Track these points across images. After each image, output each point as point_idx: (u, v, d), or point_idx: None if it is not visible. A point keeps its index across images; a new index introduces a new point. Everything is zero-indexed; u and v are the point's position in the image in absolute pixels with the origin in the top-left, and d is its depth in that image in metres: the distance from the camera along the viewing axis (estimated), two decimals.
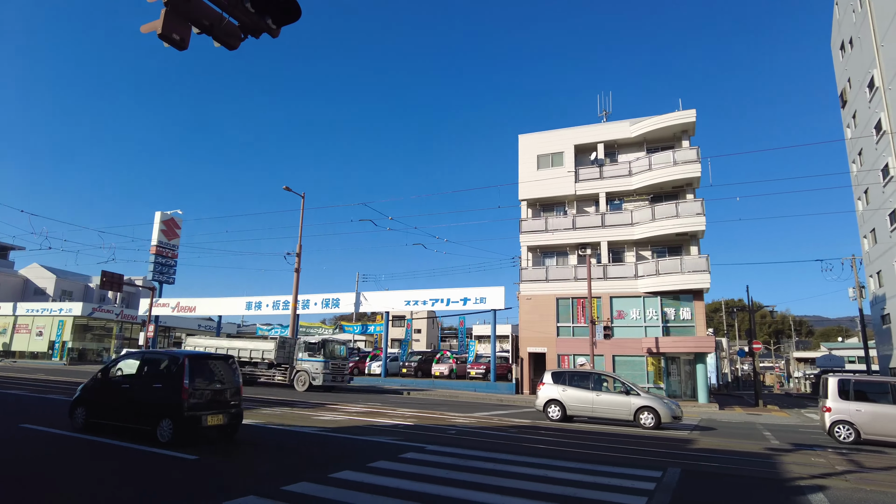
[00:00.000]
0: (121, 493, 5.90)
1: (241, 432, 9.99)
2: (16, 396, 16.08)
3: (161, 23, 5.46)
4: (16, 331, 48.05)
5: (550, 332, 28.88)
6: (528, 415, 17.33)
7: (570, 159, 30.80)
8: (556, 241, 30.19)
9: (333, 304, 34.78)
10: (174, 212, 42.92)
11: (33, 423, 10.75)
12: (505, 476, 7.35)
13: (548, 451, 9.77)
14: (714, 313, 74.47)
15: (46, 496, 5.59)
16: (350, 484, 6.58)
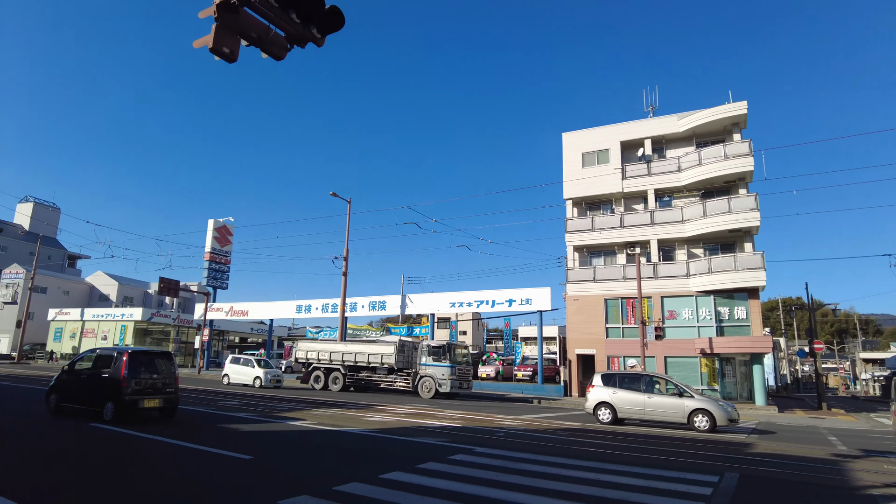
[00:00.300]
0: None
1: (293, 434, 10.25)
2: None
3: (212, 37, 5.67)
4: (84, 335, 50.73)
5: (599, 334, 28.37)
6: (577, 417, 17.08)
7: (617, 156, 30.20)
8: (603, 241, 29.65)
9: (380, 306, 35.21)
10: (226, 219, 44.42)
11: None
12: (556, 479, 7.26)
13: (599, 455, 9.60)
14: (770, 312, 71.48)
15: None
16: (400, 485, 6.65)
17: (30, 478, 6.53)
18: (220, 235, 43.55)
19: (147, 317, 48.74)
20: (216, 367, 45.65)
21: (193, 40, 5.98)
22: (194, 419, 12.50)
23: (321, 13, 5.54)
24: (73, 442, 9.13)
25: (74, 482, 6.31)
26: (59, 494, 5.75)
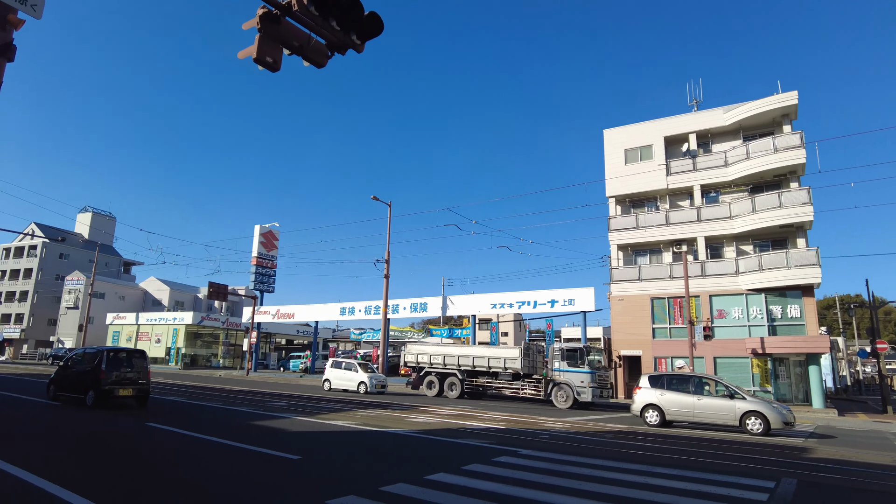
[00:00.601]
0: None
1: (339, 435, 10.41)
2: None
3: (256, 48, 5.84)
4: (139, 338, 52.95)
5: (645, 334, 27.75)
6: (623, 420, 16.74)
7: (660, 152, 29.51)
8: (648, 239, 29.00)
9: (421, 308, 35.43)
10: (272, 224, 45.59)
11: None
12: (602, 482, 7.14)
13: (647, 458, 9.38)
14: (826, 310, 68.35)
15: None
16: (445, 486, 6.66)
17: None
18: (266, 240, 44.72)
19: (197, 320, 50.48)
20: (263, 368, 46.90)
21: (238, 51, 6.18)
22: (237, 417, 12.85)
23: (360, 20, 5.62)
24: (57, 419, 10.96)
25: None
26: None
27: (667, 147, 29.71)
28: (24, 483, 6.03)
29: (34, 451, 8.07)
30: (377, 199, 30.89)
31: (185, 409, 14.53)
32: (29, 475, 6.33)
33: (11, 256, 68.67)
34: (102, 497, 5.59)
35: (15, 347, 64.27)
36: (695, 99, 31.04)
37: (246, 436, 9.96)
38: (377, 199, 30.89)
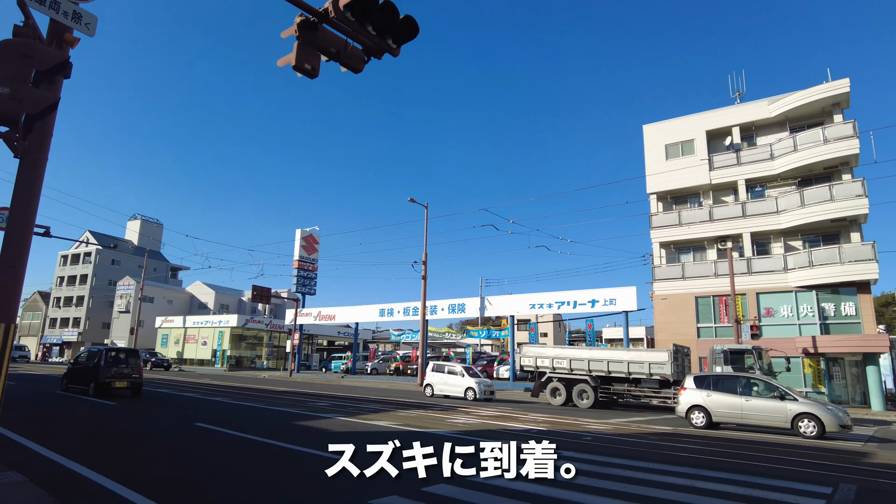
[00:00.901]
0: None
1: (379, 435, 10.52)
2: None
3: (294, 55, 5.97)
4: (186, 340, 54.72)
5: (690, 334, 27.05)
6: (668, 421, 16.35)
7: (702, 146, 28.74)
8: (691, 236, 28.28)
9: (459, 308, 35.46)
10: (312, 228, 46.48)
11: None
12: (645, 485, 6.99)
13: (693, 460, 9.14)
14: (885, 308, 65.20)
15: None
16: (488, 487, 6.67)
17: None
18: (307, 244, 45.61)
19: (242, 323, 51.84)
20: (306, 369, 47.79)
21: (277, 59, 6.33)
22: (280, 417, 13.11)
23: (396, 24, 5.68)
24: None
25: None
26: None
27: (709, 141, 28.92)
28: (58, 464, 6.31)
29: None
30: (414, 201, 31.11)
31: (230, 410, 14.94)
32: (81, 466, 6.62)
33: (69, 263, 71.99)
34: (165, 498, 5.82)
35: (73, 350, 67.39)
36: (737, 91, 30.15)
37: (289, 435, 10.17)
38: (414, 201, 31.11)
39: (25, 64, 3.86)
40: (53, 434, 10.04)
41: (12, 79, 3.82)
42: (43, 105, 3.93)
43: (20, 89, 3.82)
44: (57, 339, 69.05)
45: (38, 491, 5.73)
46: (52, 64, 3.96)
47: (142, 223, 75.74)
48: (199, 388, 23.35)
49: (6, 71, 3.83)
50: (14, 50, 3.88)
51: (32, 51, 3.90)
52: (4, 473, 6.37)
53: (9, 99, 3.81)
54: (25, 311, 74.70)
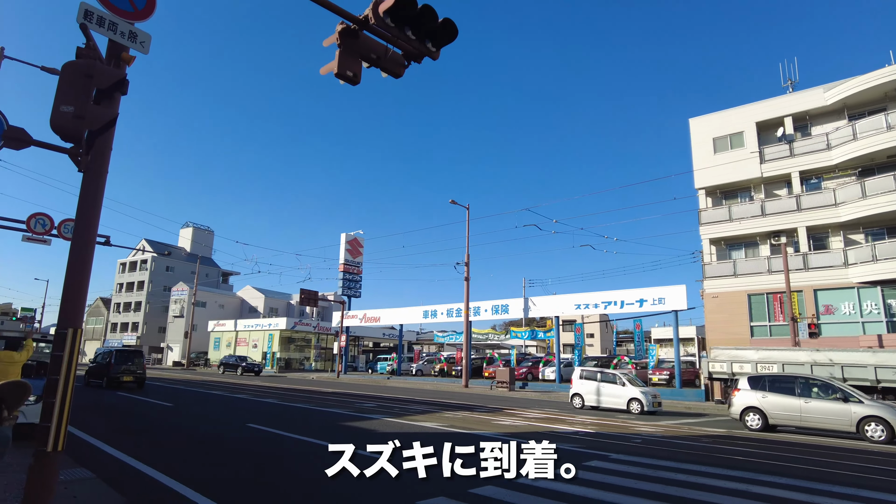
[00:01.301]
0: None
1: (426, 436, 10.59)
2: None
3: (336, 63, 6.09)
4: (237, 343, 56.43)
5: (743, 333, 26.10)
6: (721, 423, 15.84)
7: (752, 139, 27.70)
8: (742, 231, 27.29)
9: (503, 310, 35.29)
10: (356, 232, 47.20)
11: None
12: (699, 489, 6.80)
13: (749, 464, 8.83)
14: None
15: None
16: (533, 489, 6.62)
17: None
18: (352, 248, 46.35)
19: (290, 326, 53.10)
20: (353, 370, 48.53)
21: (319, 67, 6.47)
22: (328, 418, 13.34)
23: (435, 27, 5.72)
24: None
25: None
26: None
27: (759, 133, 27.85)
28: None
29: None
30: (455, 202, 31.21)
31: (280, 411, 15.33)
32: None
33: (127, 270, 75.42)
34: (224, 498, 6.03)
35: None
36: (789, 80, 28.94)
37: (336, 436, 10.36)
38: (455, 202, 31.21)
39: (87, 83, 4.07)
40: (113, 434, 10.53)
41: (76, 98, 4.04)
42: (103, 121, 4.14)
43: (83, 107, 4.03)
44: (118, 342, 72.38)
45: (107, 488, 6.03)
46: (111, 82, 4.17)
47: (194, 230, 78.61)
48: (250, 389, 24.04)
49: (71, 91, 4.05)
50: (78, 71, 4.11)
51: (94, 70, 4.11)
52: (74, 470, 6.73)
53: (73, 117, 4.02)
54: (89, 316, 78.70)
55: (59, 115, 3.94)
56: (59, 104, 3.95)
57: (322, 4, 5.69)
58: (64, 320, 4.27)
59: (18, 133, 4.41)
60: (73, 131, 3.98)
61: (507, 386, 28.14)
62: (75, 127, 3.97)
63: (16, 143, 4.39)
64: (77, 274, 4.36)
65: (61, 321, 4.27)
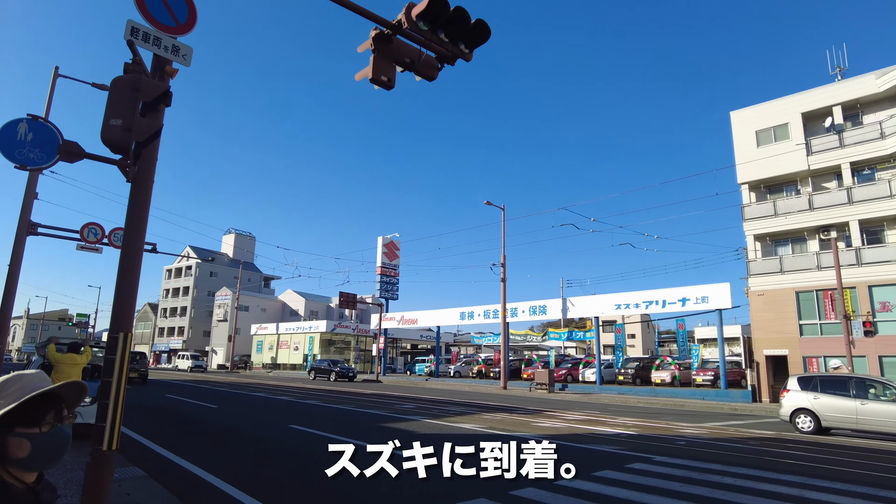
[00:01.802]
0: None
1: (466, 438, 10.59)
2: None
3: (371, 68, 6.16)
4: (279, 346, 57.61)
5: (791, 332, 25.18)
6: (769, 425, 15.31)
7: (798, 130, 26.70)
8: (789, 227, 26.34)
9: (540, 311, 34.98)
10: (392, 235, 47.61)
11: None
12: (749, 493, 6.58)
13: (801, 468, 8.50)
14: None
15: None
16: (575, 492, 6.54)
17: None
18: (389, 250, 46.77)
19: (330, 328, 53.93)
20: (391, 372, 48.94)
21: (355, 72, 6.57)
22: (368, 419, 13.47)
23: (468, 29, 5.73)
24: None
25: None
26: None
27: (805, 124, 26.84)
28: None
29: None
30: (490, 203, 31.11)
31: (321, 412, 15.57)
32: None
33: (173, 276, 77.99)
34: (266, 496, 6.17)
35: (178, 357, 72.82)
36: (838, 67, 27.78)
37: (376, 436, 10.46)
38: (490, 203, 31.11)
39: (134, 97, 4.24)
40: (162, 434, 10.90)
41: (124, 111, 4.21)
42: (149, 133, 4.30)
43: (130, 120, 4.19)
44: (165, 346, 74.89)
45: (158, 486, 6.24)
46: (155, 94, 4.32)
47: (236, 237, 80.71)
48: (292, 391, 24.51)
49: (119, 105, 4.22)
50: (126, 85, 4.28)
51: (140, 84, 4.27)
52: (127, 468, 6.99)
53: (121, 129, 4.19)
54: (138, 321, 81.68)
55: (108, 128, 4.11)
56: (108, 118, 4.12)
57: (356, 11, 5.77)
58: (115, 325, 4.45)
59: (72, 147, 4.61)
60: (122, 143, 4.15)
61: (547, 388, 27.89)
62: (124, 139, 4.13)
63: (70, 156, 4.59)
64: (126, 280, 4.54)
65: (113, 326, 4.45)
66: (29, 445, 1.32)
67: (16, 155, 4.47)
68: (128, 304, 4.56)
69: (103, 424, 4.09)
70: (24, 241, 13.30)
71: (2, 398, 1.32)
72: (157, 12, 4.75)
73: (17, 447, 1.31)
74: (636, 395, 26.45)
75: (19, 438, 1.31)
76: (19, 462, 1.32)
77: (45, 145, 4.57)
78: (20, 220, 13.25)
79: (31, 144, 4.52)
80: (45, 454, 1.34)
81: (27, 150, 4.50)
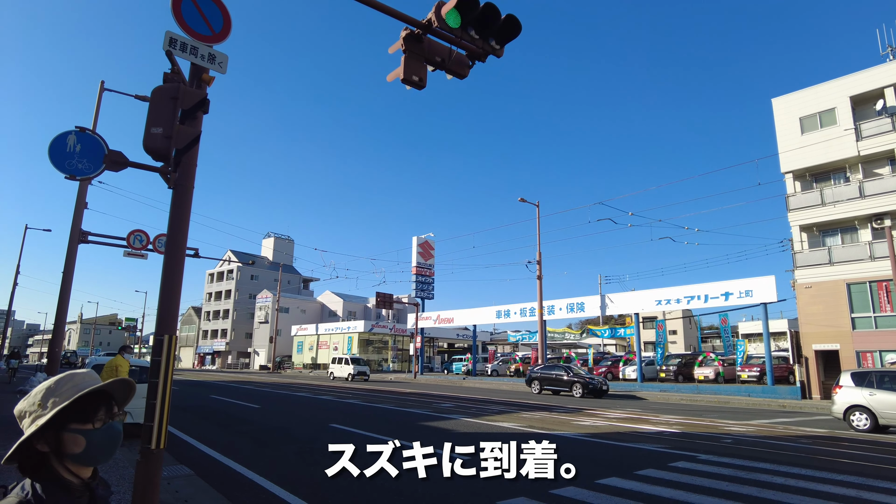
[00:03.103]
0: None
1: (505, 436, 10.54)
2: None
3: (402, 68, 6.19)
4: (319, 346, 58.52)
5: (843, 325, 24.16)
6: (821, 423, 14.73)
7: (846, 115, 25.57)
8: (838, 216, 25.26)
9: (578, 308, 34.53)
10: (427, 235, 47.81)
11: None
12: (802, 494, 6.33)
13: (858, 468, 8.14)
14: None
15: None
16: (617, 491, 6.43)
17: None
18: (423, 250, 46.96)
19: (368, 328, 54.49)
20: (429, 371, 49.14)
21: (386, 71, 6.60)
22: (407, 418, 13.52)
23: (498, 25, 5.69)
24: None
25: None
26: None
27: (854, 108, 25.68)
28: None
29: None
30: (524, 200, 30.88)
31: (361, 411, 15.74)
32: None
33: (215, 280, 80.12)
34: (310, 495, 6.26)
35: (222, 358, 74.75)
36: (889, 46, 26.51)
37: (416, 435, 10.50)
38: (524, 200, 30.88)
39: (174, 105, 4.36)
40: (206, 433, 11.19)
41: (164, 119, 4.33)
42: (188, 139, 4.41)
43: (170, 127, 4.31)
44: (209, 348, 76.98)
45: (204, 485, 6.41)
46: (193, 102, 4.43)
47: (275, 240, 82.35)
48: (333, 390, 24.86)
49: (160, 113, 4.35)
50: (165, 94, 4.40)
51: (179, 93, 4.38)
52: (174, 467, 7.20)
53: (162, 137, 4.31)
54: (183, 324, 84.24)
55: (150, 136, 4.23)
56: (150, 126, 4.25)
57: (386, 12, 5.79)
58: (161, 327, 4.59)
59: (117, 156, 4.78)
60: (163, 150, 4.26)
61: None
62: (164, 146, 4.25)
63: (115, 165, 4.75)
64: (170, 282, 4.67)
65: (158, 328, 4.58)
66: (84, 441, 1.37)
67: (66, 166, 4.65)
68: (172, 306, 4.69)
69: (151, 424, 4.22)
70: (76, 249, 13.89)
71: (56, 396, 1.38)
72: (194, 22, 4.87)
73: (72, 443, 1.37)
74: (678, 393, 25.80)
75: (74, 434, 1.37)
76: (75, 457, 1.37)
77: (92, 155, 4.74)
78: (72, 229, 13.84)
79: (80, 155, 4.70)
80: (98, 449, 1.40)
81: (76, 160, 4.68)
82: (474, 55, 6.50)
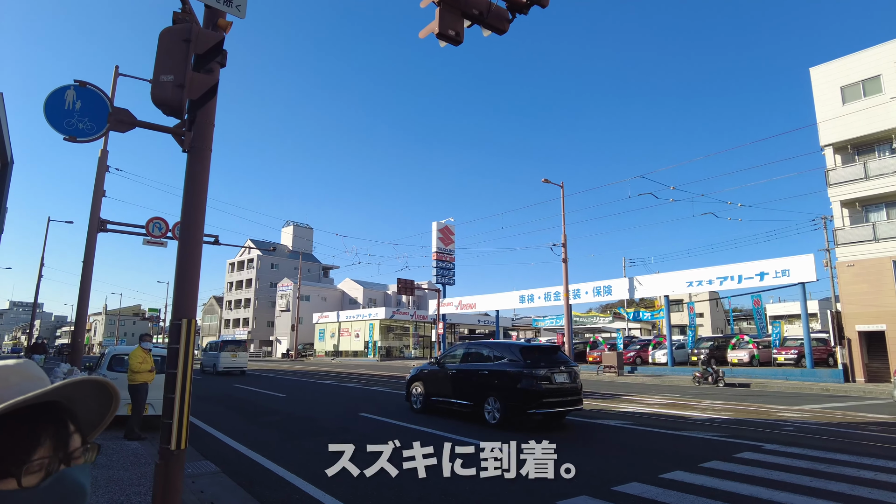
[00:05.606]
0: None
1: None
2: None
3: (437, 23, 5.51)
4: (341, 334, 58.38)
5: (889, 305, 22.97)
6: (878, 408, 13.83)
7: (893, 81, 24.12)
8: (883, 189, 23.93)
9: (605, 291, 33.65)
10: (447, 220, 47.00)
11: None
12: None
13: None
14: None
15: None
16: (684, 486, 5.78)
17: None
18: (444, 236, 46.22)
19: (389, 315, 54.13)
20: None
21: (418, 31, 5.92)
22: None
23: None
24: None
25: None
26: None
27: None
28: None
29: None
30: (548, 181, 29.96)
31: (387, 399, 15.21)
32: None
33: (235, 269, 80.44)
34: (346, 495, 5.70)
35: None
36: None
37: (446, 425, 9.90)
38: (548, 181, 29.96)
39: (185, 49, 3.72)
40: (231, 424, 10.72)
41: (175, 66, 3.70)
42: (203, 89, 3.78)
43: (182, 74, 3.67)
44: (231, 337, 77.46)
45: (232, 484, 5.87)
46: (209, 46, 3.79)
47: (294, 228, 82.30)
48: (358, 377, 24.46)
49: (169, 59, 3.71)
50: (175, 36, 3.77)
51: (191, 34, 3.73)
52: (199, 462, 6.69)
53: (174, 86, 3.67)
54: (205, 313, 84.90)
55: (159, 85, 3.61)
56: (158, 74, 3.62)
57: None
58: (178, 310, 3.99)
59: (123, 115, 4.16)
60: (175, 102, 3.63)
61: (616, 371, 26.81)
62: (177, 97, 3.62)
63: (121, 125, 4.14)
64: (187, 259, 4.07)
65: (175, 311, 3.99)
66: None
67: (65, 125, 4.04)
68: (190, 286, 4.09)
69: (170, 422, 3.63)
70: (96, 237, 13.46)
71: None
72: None
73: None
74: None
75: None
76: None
77: (95, 114, 4.14)
78: (91, 217, 13.41)
79: (80, 113, 4.09)
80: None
81: (76, 119, 4.08)
82: (516, 6, 5.86)
